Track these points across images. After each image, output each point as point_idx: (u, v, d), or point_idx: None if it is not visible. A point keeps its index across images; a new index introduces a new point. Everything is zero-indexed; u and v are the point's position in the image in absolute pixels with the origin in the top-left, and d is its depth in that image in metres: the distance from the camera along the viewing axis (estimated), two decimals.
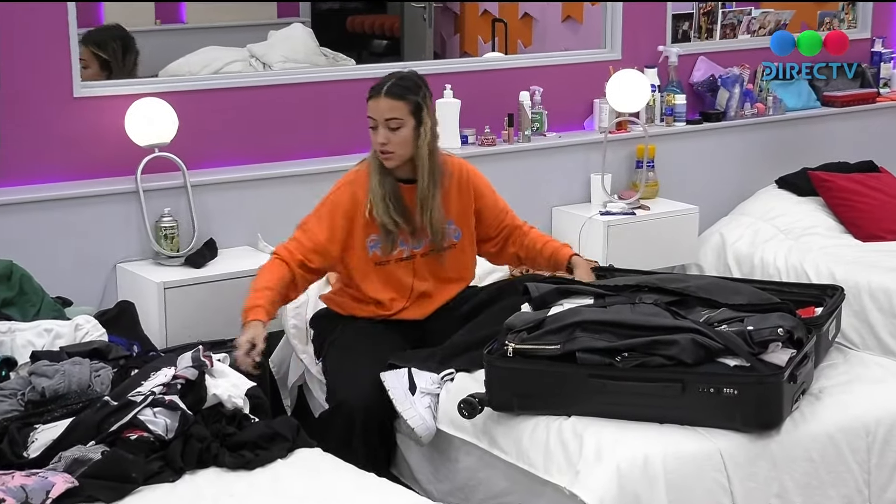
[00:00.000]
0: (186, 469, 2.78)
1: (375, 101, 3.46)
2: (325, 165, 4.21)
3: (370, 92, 3.49)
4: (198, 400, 2.95)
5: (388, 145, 3.45)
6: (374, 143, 3.49)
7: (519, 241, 3.73)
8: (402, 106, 3.45)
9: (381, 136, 3.45)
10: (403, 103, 3.45)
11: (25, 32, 3.76)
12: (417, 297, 3.60)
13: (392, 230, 3.50)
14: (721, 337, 2.99)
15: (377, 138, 3.46)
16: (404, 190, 3.53)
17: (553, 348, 3.05)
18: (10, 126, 3.77)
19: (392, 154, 3.46)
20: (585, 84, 4.92)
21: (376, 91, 3.47)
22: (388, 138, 3.44)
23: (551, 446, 3.00)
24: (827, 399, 3.15)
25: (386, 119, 3.44)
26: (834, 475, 3.05)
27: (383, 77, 3.53)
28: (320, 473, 2.81)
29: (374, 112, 3.46)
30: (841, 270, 4.55)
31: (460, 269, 3.66)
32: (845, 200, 5.06)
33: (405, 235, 3.54)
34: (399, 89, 3.46)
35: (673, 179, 5.01)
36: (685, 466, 2.88)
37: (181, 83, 4.22)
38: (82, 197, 3.88)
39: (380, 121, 3.45)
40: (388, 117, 3.44)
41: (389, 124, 3.44)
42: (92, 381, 3.01)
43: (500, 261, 3.83)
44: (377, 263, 3.53)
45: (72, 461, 2.70)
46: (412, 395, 3.30)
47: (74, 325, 3.35)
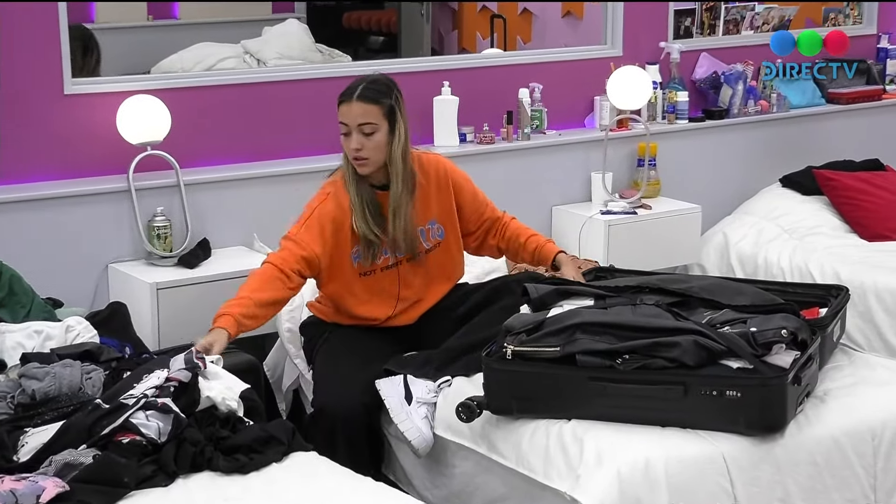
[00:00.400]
0: (179, 473, 2.77)
1: (348, 106, 3.41)
2: (320, 164, 4.19)
3: (341, 97, 3.44)
4: (191, 402, 2.95)
5: (362, 151, 3.40)
6: (346, 150, 3.44)
7: (500, 234, 3.72)
8: (376, 110, 3.41)
9: (355, 141, 3.40)
10: (377, 107, 3.41)
11: (15, 29, 3.76)
12: (405, 305, 3.59)
13: (373, 241, 3.47)
14: (724, 339, 2.99)
15: (350, 144, 3.41)
16: (381, 197, 3.50)
17: (553, 350, 3.04)
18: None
19: (366, 160, 3.42)
20: (586, 81, 4.92)
21: (348, 95, 3.42)
22: (363, 143, 3.40)
23: (551, 450, 2.99)
24: (832, 402, 3.15)
25: (359, 124, 3.39)
26: (839, 479, 3.04)
27: (353, 81, 3.48)
28: (316, 477, 2.81)
29: (347, 117, 3.41)
30: (846, 270, 4.55)
31: (447, 267, 3.65)
32: (850, 199, 5.05)
33: (387, 244, 3.51)
34: (372, 93, 3.42)
35: (675, 178, 5.01)
36: (687, 470, 2.87)
37: (174, 80, 4.22)
38: (73, 196, 3.88)
39: (353, 126, 3.40)
40: (361, 122, 3.39)
41: (363, 129, 3.40)
42: (83, 384, 3.01)
43: (482, 253, 3.81)
44: (362, 274, 3.51)
45: (62, 465, 2.69)
46: (408, 406, 3.29)
47: (65, 327, 3.35)
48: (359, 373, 3.38)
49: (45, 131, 3.86)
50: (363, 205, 3.45)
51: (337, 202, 3.48)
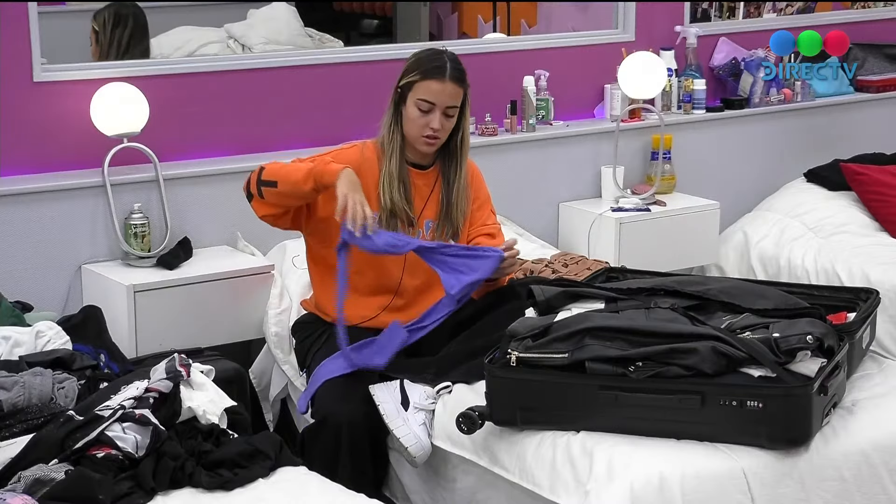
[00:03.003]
0: (158, 490, 2.78)
1: (441, 84, 3.47)
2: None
3: (432, 71, 3.48)
4: (171, 414, 2.96)
5: (440, 132, 3.49)
6: (417, 125, 3.49)
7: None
8: (461, 93, 3.52)
9: (437, 121, 3.48)
10: (462, 90, 3.52)
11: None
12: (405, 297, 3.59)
13: (398, 214, 3.52)
14: (744, 345, 2.99)
15: (431, 123, 3.48)
16: (413, 175, 3.57)
17: (560, 357, 3.05)
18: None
19: (437, 141, 3.52)
20: (596, 68, 4.93)
21: (439, 72, 3.48)
22: (443, 125, 3.50)
23: (558, 464, 3.00)
24: (860, 413, 3.16)
25: (447, 106, 3.48)
26: (868, 496, 3.05)
27: (429, 54, 3.55)
28: (305, 494, 2.81)
29: (437, 96, 3.48)
30: (876, 272, 4.56)
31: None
32: (880, 195, 5.06)
33: (403, 225, 3.55)
34: (460, 73, 3.52)
35: (691, 172, 5.02)
36: (705, 487, 2.88)
37: (152, 67, 4.22)
38: (43, 192, 3.88)
39: (440, 106, 3.48)
40: (450, 104, 3.49)
41: (448, 111, 3.49)
42: (55, 394, 3.01)
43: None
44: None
45: (32, 481, 2.69)
46: (405, 411, 3.30)
47: (35, 333, 3.35)
48: (364, 379, 3.38)
49: (13, 121, 3.86)
50: (400, 177, 3.52)
51: (361, 155, 3.53)
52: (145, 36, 4.78)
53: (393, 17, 6.78)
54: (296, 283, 3.94)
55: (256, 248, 4.10)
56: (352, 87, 4.34)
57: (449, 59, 3.53)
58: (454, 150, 3.59)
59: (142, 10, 4.83)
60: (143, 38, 4.74)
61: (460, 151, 3.59)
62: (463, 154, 3.60)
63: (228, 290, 3.88)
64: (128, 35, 4.69)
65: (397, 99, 3.54)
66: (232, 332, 3.93)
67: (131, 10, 4.78)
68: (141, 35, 4.74)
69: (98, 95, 3.87)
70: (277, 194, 3.41)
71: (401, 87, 3.53)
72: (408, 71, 3.53)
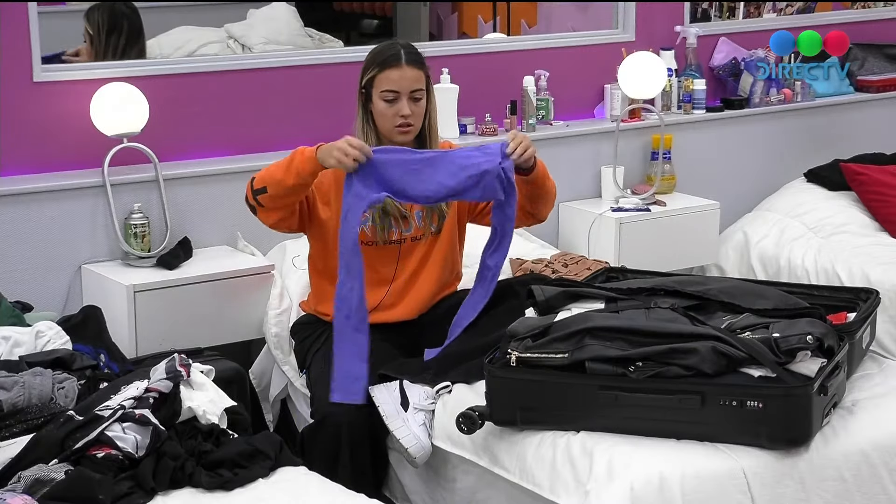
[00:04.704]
0: (158, 490, 2.78)
1: (399, 71, 3.49)
2: None
3: (385, 62, 3.50)
4: (171, 414, 2.96)
5: (411, 117, 3.50)
6: (387, 116, 3.51)
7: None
8: (422, 75, 3.54)
9: (406, 107, 3.49)
10: (423, 72, 3.54)
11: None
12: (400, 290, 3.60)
13: (389, 211, 3.53)
14: (744, 345, 2.99)
15: (400, 111, 3.49)
16: None
17: (560, 357, 3.05)
18: None
19: (412, 127, 3.53)
20: (595, 68, 4.93)
21: (395, 59, 3.50)
22: (413, 110, 3.50)
23: (558, 464, 3.00)
24: (860, 413, 3.16)
25: (412, 90, 3.49)
26: (868, 496, 3.05)
27: (382, 46, 3.57)
28: (306, 494, 2.81)
29: (398, 83, 3.49)
30: (876, 272, 4.56)
31: (447, 262, 3.66)
32: (881, 195, 5.06)
33: (396, 220, 3.55)
34: (417, 56, 3.54)
35: (691, 172, 5.02)
36: (705, 487, 2.88)
37: (152, 67, 4.22)
38: (44, 192, 3.88)
39: (404, 92, 3.49)
40: (414, 88, 3.50)
41: (414, 95, 3.50)
42: (55, 394, 3.01)
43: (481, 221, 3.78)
44: (364, 243, 3.52)
45: (32, 481, 2.70)
46: (405, 412, 3.30)
47: (35, 333, 3.35)
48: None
49: (13, 121, 3.86)
50: None
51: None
52: (140, 38, 4.77)
53: (393, 17, 6.78)
54: (296, 284, 3.94)
55: (256, 249, 4.10)
56: (352, 87, 4.30)
57: (402, 46, 3.55)
58: (424, 137, 3.58)
59: (137, 11, 4.82)
60: (137, 42, 4.74)
61: (429, 136, 3.59)
62: (433, 138, 3.59)
63: (228, 290, 3.88)
64: (123, 42, 4.69)
65: (364, 100, 3.56)
66: (232, 332, 3.93)
67: (126, 13, 4.77)
68: (136, 39, 4.74)
69: (98, 95, 3.87)
70: (271, 198, 3.42)
71: (364, 87, 3.55)
72: (366, 68, 3.56)
